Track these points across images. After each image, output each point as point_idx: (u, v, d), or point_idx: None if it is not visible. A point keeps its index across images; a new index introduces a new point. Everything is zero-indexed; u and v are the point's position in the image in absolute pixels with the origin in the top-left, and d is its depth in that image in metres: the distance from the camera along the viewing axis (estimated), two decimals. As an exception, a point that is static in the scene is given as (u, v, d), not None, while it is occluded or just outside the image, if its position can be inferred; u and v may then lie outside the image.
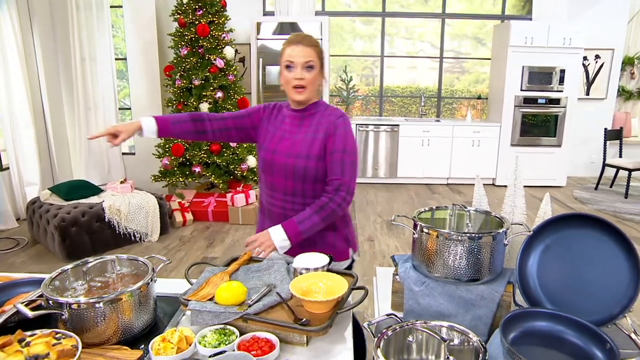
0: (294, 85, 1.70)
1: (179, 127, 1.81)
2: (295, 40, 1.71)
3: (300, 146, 1.73)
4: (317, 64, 1.72)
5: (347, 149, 1.71)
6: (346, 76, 7.00)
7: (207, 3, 5.09)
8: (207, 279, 1.30)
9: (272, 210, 1.83)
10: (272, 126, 1.84)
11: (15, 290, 1.36)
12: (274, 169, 1.76)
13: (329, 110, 1.79)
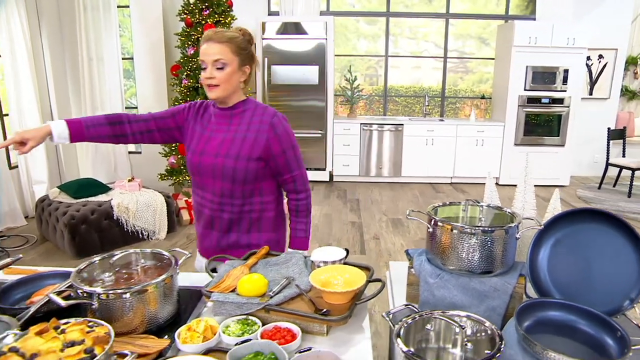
0: (207, 84, 1.65)
1: (95, 131, 1.71)
2: (206, 37, 1.65)
3: (230, 146, 1.69)
4: (231, 61, 1.63)
5: (293, 144, 1.75)
6: (351, 76, 7.04)
7: (214, 3, 5.14)
8: (228, 272, 1.34)
9: (202, 212, 1.80)
10: (198, 126, 1.78)
11: (41, 282, 1.41)
12: (202, 170, 1.72)
13: (260, 109, 1.73)
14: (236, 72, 1.66)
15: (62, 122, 1.64)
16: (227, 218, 1.75)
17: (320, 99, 6.52)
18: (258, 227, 1.80)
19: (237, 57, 1.64)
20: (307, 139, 6.63)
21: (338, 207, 5.66)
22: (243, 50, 1.67)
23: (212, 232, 1.80)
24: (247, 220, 1.77)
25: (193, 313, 1.27)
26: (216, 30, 1.65)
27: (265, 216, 1.80)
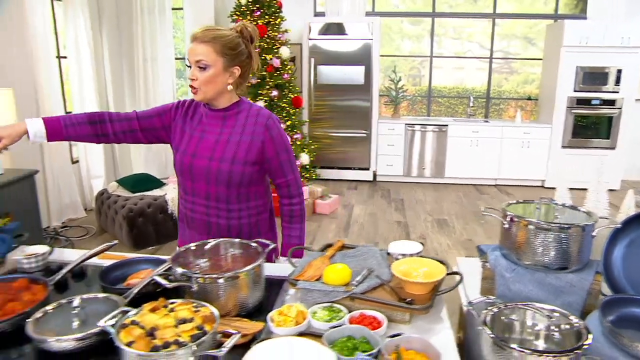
0: (190, 85, 1.59)
1: (74, 130, 1.64)
2: (193, 37, 1.57)
3: (225, 149, 1.62)
4: (214, 62, 1.54)
5: (287, 148, 1.70)
6: (395, 76, 7.05)
7: (265, 4, 5.26)
8: (309, 263, 1.42)
9: (194, 218, 1.71)
10: (188, 127, 1.70)
11: (134, 267, 1.52)
12: (195, 173, 1.65)
13: (254, 111, 1.67)
14: (221, 74, 1.57)
15: (39, 121, 1.58)
16: (224, 224, 1.68)
17: (365, 99, 6.56)
18: (257, 230, 1.76)
19: (223, 57, 1.56)
20: (352, 138, 6.69)
21: (382, 206, 5.70)
22: (231, 50, 1.57)
23: (208, 236, 1.67)
24: (247, 225, 1.71)
25: (278, 300, 1.35)
26: (203, 29, 1.57)
27: (262, 218, 1.77)
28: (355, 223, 5.07)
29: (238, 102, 1.67)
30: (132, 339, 0.98)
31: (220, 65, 1.56)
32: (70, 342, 1.09)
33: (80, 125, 1.65)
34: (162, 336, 0.99)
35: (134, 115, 1.72)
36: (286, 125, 5.33)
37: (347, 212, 5.42)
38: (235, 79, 1.61)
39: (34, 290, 1.33)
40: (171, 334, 0.99)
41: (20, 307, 1.23)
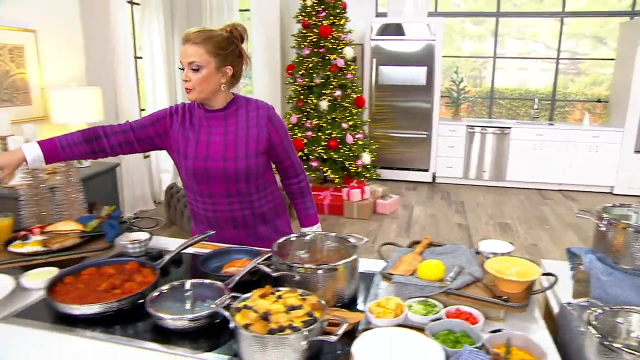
0: (185, 86, 1.63)
1: (71, 150, 1.65)
2: (184, 39, 1.60)
3: (235, 147, 1.67)
4: (207, 63, 1.58)
5: (287, 132, 1.82)
6: (457, 77, 6.95)
7: (330, 5, 5.33)
8: (400, 258, 1.45)
9: (217, 217, 1.77)
10: (189, 131, 1.71)
11: (229, 256, 1.60)
12: (211, 175, 1.68)
13: (252, 105, 1.73)
14: (214, 74, 1.60)
15: (35, 145, 1.58)
16: (249, 215, 1.77)
17: (426, 100, 6.51)
18: (276, 212, 1.88)
19: (215, 58, 1.59)
20: (411, 139, 6.66)
21: (443, 208, 5.64)
22: (222, 50, 1.60)
23: (237, 231, 1.80)
24: (269, 210, 1.83)
25: (371, 293, 1.40)
26: (194, 31, 1.60)
27: (279, 200, 1.89)
28: (416, 224, 5.06)
29: (234, 99, 1.73)
30: (249, 321, 1.05)
31: (213, 66, 1.59)
32: (185, 322, 1.17)
33: (76, 146, 1.65)
34: (276, 320, 1.05)
35: (128, 126, 1.72)
36: (348, 125, 5.38)
37: (408, 213, 5.41)
38: (228, 78, 1.66)
39: (144, 273, 1.43)
40: (284, 319, 1.05)
41: (136, 287, 1.34)
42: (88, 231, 1.69)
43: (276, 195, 1.87)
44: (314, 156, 5.35)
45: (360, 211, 5.08)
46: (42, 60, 3.58)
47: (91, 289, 1.34)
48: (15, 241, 1.63)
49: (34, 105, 3.54)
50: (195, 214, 1.86)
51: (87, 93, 3.56)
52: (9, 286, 1.39)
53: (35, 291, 1.43)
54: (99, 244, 1.65)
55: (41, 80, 3.57)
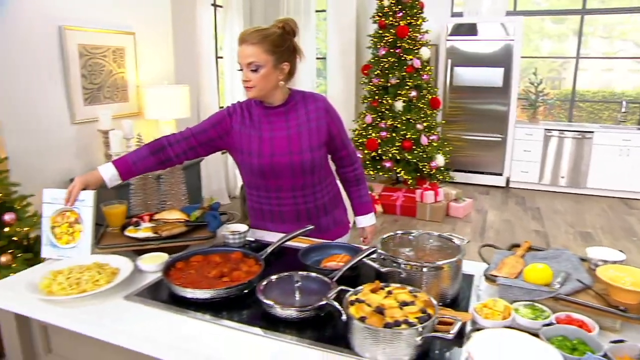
0: (244, 86, 1.68)
1: (142, 165, 1.74)
2: (241, 39, 1.63)
3: (299, 141, 1.72)
4: (265, 62, 1.61)
5: (343, 123, 1.87)
6: (535, 78, 6.68)
7: (407, 5, 5.29)
8: (502, 260, 1.43)
9: (282, 211, 1.83)
10: (251, 129, 1.75)
11: (327, 251, 1.64)
12: (277, 171, 1.72)
13: (309, 98, 1.78)
14: (272, 72, 1.64)
15: (110, 166, 1.69)
16: (312, 207, 1.84)
17: (502, 102, 6.31)
18: (336, 203, 1.95)
19: (272, 56, 1.62)
20: (485, 142, 6.48)
21: (518, 214, 5.45)
22: (278, 48, 1.63)
23: (300, 223, 1.81)
24: (329, 201, 1.90)
25: (473, 294, 1.39)
26: (250, 31, 1.63)
27: (336, 190, 1.96)
28: (490, 228, 4.92)
29: (291, 94, 1.78)
30: (364, 314, 1.08)
31: (271, 64, 1.63)
32: (293, 311, 1.22)
33: (145, 159, 1.74)
34: (390, 315, 1.07)
35: (189, 133, 1.78)
36: (423, 126, 5.32)
37: (481, 217, 5.27)
38: (285, 75, 1.70)
39: (248, 263, 1.50)
40: (399, 314, 1.07)
41: (244, 276, 1.41)
42: (192, 221, 1.79)
43: (334, 185, 1.95)
44: (387, 157, 5.34)
45: (433, 213, 5.02)
46: (139, 60, 3.82)
47: (202, 275, 1.43)
48: (129, 227, 1.76)
49: (130, 102, 3.78)
50: (257, 210, 1.91)
51: (177, 91, 3.75)
52: (129, 268, 1.50)
53: (148, 273, 1.54)
54: (202, 233, 1.74)
55: (137, 78, 3.81)
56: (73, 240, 1.65)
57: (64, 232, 1.66)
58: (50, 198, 1.67)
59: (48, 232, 1.66)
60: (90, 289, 1.37)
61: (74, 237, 1.65)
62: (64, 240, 1.65)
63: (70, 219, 1.66)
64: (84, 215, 1.66)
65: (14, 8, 2.88)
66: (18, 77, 2.96)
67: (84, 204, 1.66)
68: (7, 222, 2.49)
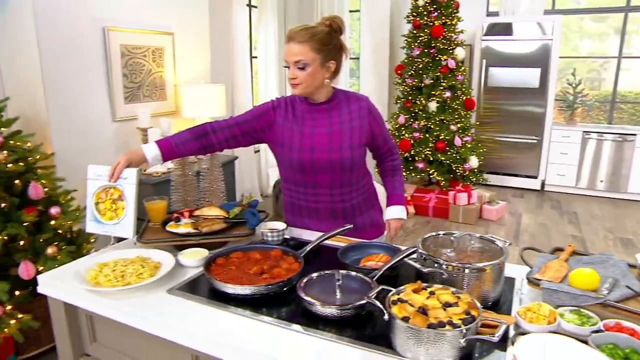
0: (291, 83, 1.70)
1: (184, 148, 1.75)
2: (288, 37, 1.65)
3: (340, 138, 1.74)
4: (312, 60, 1.63)
5: (384, 121, 1.89)
6: (574, 79, 6.50)
7: (442, 5, 5.23)
8: (545, 264, 1.40)
9: (318, 208, 1.85)
10: (293, 124, 1.77)
11: (365, 250, 1.64)
12: (317, 166, 1.75)
13: (352, 98, 1.80)
14: (319, 70, 1.66)
15: (154, 146, 1.71)
16: (349, 206, 1.85)
17: (538, 103, 6.16)
18: (372, 203, 1.95)
19: (319, 54, 1.64)
20: (520, 144, 6.34)
21: (554, 218, 5.31)
22: (325, 46, 1.65)
23: (336, 221, 1.85)
24: (364, 200, 1.90)
25: (514, 297, 1.36)
26: (298, 29, 1.65)
27: (372, 191, 1.97)
28: (524, 232, 4.82)
29: (335, 92, 1.79)
30: (407, 314, 1.08)
31: (318, 62, 1.65)
32: (334, 309, 1.22)
33: (188, 143, 1.76)
34: (434, 316, 1.07)
35: (233, 122, 1.80)
36: (457, 127, 5.25)
37: (515, 220, 5.17)
38: (331, 73, 1.72)
39: (288, 261, 1.51)
40: (443, 315, 1.06)
41: (284, 273, 1.42)
42: (231, 218, 1.81)
43: (370, 185, 1.97)
44: (420, 157, 5.29)
45: (466, 215, 4.95)
46: (177, 59, 3.89)
47: (242, 271, 1.44)
48: (170, 222, 1.80)
49: (168, 101, 3.86)
50: (294, 206, 1.93)
51: (213, 90, 3.81)
52: (170, 263, 1.54)
53: (189, 268, 1.57)
54: (241, 230, 1.77)
55: (175, 78, 3.89)
56: (116, 217, 1.68)
57: (108, 209, 1.69)
58: (95, 174, 1.71)
59: (92, 208, 1.70)
60: (134, 282, 1.41)
61: (117, 214, 1.68)
62: (108, 217, 1.69)
63: (113, 196, 1.69)
64: (127, 192, 1.68)
65: (62, 10, 2.98)
66: (66, 77, 3.06)
67: (128, 181, 1.68)
68: (53, 215, 2.58)
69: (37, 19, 2.85)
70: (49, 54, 2.94)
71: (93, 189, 1.70)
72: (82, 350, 1.57)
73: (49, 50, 2.93)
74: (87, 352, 1.56)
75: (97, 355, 1.54)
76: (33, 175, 2.55)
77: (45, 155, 2.72)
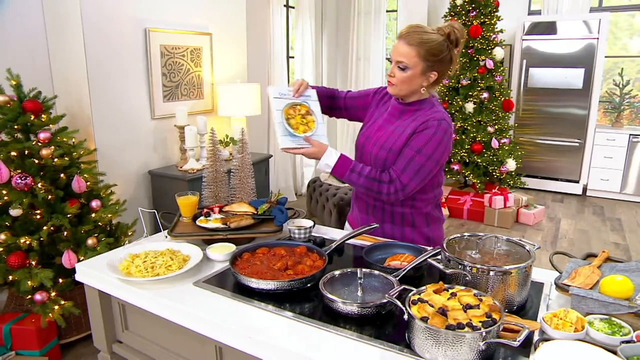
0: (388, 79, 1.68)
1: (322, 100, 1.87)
2: (400, 34, 1.61)
3: (388, 138, 1.70)
4: (415, 65, 1.57)
5: (423, 150, 1.62)
6: (621, 80, 6.24)
7: (481, 4, 5.13)
8: (575, 270, 1.36)
9: (358, 195, 1.88)
10: (377, 112, 1.84)
11: (391, 250, 1.64)
12: (363, 153, 1.79)
13: (432, 111, 1.67)
14: (418, 77, 1.61)
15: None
16: (379, 207, 1.81)
17: (582, 105, 5.96)
18: (409, 222, 1.81)
19: (424, 62, 1.57)
20: (561, 147, 6.15)
21: (596, 224, 5.12)
22: (433, 56, 1.57)
23: (367, 216, 1.86)
24: (400, 214, 1.79)
25: (542, 304, 1.33)
26: (413, 29, 1.58)
27: (418, 214, 1.80)
28: (563, 238, 4.67)
29: (424, 100, 1.71)
30: (426, 314, 1.07)
31: (420, 69, 1.59)
32: (355, 307, 1.23)
33: (324, 99, 1.90)
34: (454, 317, 1.06)
35: (343, 94, 1.96)
36: (494, 129, 5.14)
37: (554, 226, 5.01)
38: (430, 83, 1.65)
39: (312, 258, 1.53)
40: (463, 317, 1.05)
41: (307, 270, 1.44)
42: (259, 214, 1.85)
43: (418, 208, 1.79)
44: (456, 159, 5.21)
45: (502, 219, 4.84)
46: (214, 59, 3.98)
47: (267, 266, 1.47)
48: (200, 217, 1.85)
49: (205, 100, 3.95)
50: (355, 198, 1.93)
51: (248, 89, 3.87)
52: (198, 256, 1.58)
53: (216, 262, 1.61)
54: (269, 226, 1.80)
55: (212, 77, 3.98)
56: (309, 130, 1.75)
57: (299, 123, 1.75)
58: (278, 93, 1.77)
59: (284, 123, 1.72)
60: (163, 273, 1.46)
61: (310, 127, 1.76)
62: (302, 130, 1.74)
63: (301, 112, 1.78)
64: (313, 107, 1.81)
65: (107, 13, 3.10)
66: (109, 76, 3.18)
67: (311, 99, 1.82)
68: (94, 208, 2.69)
69: (84, 22, 2.98)
70: (94, 54, 3.06)
71: (280, 106, 1.75)
72: (115, 337, 1.63)
73: (93, 51, 3.06)
74: (119, 339, 1.63)
75: (128, 342, 1.60)
76: (76, 170, 2.67)
77: (88, 150, 2.84)
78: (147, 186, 3.56)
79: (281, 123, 1.73)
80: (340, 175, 1.70)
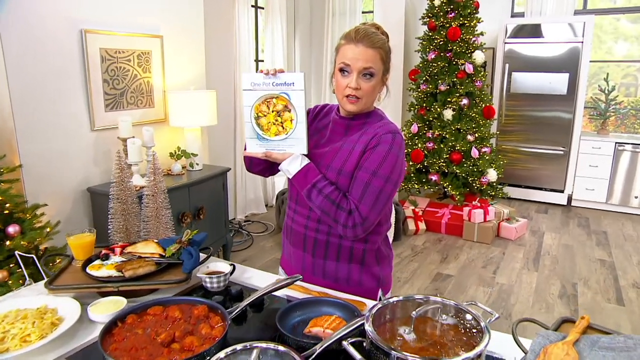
0: (346, 95, 1.38)
1: None
2: (355, 39, 1.35)
3: (334, 158, 1.43)
4: (379, 70, 1.37)
5: (379, 173, 1.36)
6: (606, 85, 5.99)
7: (460, 5, 4.84)
8: (544, 348, 1.05)
9: (292, 228, 1.54)
10: (314, 130, 1.55)
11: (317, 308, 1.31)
12: None
13: (381, 123, 1.43)
14: (379, 84, 1.42)
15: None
16: (322, 241, 1.48)
17: (566, 110, 5.69)
18: (361, 259, 1.50)
19: (383, 66, 1.40)
20: (545, 155, 5.88)
21: (580, 238, 4.85)
22: (388, 59, 1.42)
23: (303, 254, 1.53)
24: (348, 250, 1.48)
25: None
26: (371, 31, 1.37)
27: (369, 247, 1.50)
28: (546, 255, 4.38)
29: (369, 112, 1.48)
30: None
31: (380, 75, 1.40)
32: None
33: None
34: None
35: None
36: (475, 137, 4.84)
37: (537, 240, 4.73)
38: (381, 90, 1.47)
39: (212, 322, 1.20)
40: None
41: (197, 343, 1.11)
42: (165, 257, 1.52)
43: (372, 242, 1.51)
44: (433, 169, 4.91)
45: (481, 234, 4.54)
46: (166, 64, 3.64)
47: (148, 337, 1.14)
48: (95, 260, 1.52)
49: (156, 108, 3.60)
50: (285, 221, 1.64)
51: (203, 96, 3.54)
52: (73, 318, 1.25)
53: (99, 325, 1.28)
54: (174, 274, 1.47)
55: (163, 83, 3.63)
56: (284, 131, 1.43)
57: (272, 122, 1.44)
58: (251, 84, 1.42)
59: (253, 123, 1.44)
60: (14, 348, 1.13)
61: (285, 127, 1.43)
62: (273, 131, 1.44)
63: (277, 107, 1.42)
64: (294, 100, 1.40)
65: (31, 10, 2.76)
66: (36, 81, 2.83)
67: (294, 87, 1.40)
68: (11, 234, 2.35)
69: (0, 19, 2.63)
70: (15, 57, 2.71)
71: (251, 101, 1.43)
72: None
73: (14, 53, 2.71)
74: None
75: None
76: (-13, 191, 2.33)
77: (9, 168, 2.50)
78: (86, 205, 3.21)
79: (249, 123, 1.44)
80: (300, 188, 1.42)
